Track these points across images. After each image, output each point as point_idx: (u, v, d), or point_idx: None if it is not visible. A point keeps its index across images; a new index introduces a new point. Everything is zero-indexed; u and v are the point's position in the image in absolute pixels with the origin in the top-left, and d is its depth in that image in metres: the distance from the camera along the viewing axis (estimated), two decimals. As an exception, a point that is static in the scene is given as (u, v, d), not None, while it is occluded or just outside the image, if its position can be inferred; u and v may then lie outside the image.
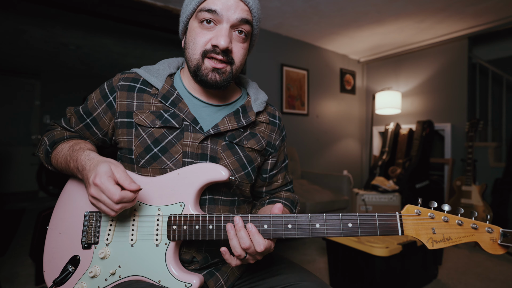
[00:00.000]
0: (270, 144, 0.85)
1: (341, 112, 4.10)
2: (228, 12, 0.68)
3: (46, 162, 0.81)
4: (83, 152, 0.70)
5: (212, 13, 0.67)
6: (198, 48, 0.70)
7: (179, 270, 0.66)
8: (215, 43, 0.68)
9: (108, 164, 0.63)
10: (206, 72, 0.70)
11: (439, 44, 3.49)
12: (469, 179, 2.74)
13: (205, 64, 0.70)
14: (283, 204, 0.86)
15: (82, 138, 0.82)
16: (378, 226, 0.60)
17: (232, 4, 0.68)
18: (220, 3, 0.67)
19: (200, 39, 0.69)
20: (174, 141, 0.73)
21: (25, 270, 2.10)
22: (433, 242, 0.59)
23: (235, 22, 0.69)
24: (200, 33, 0.70)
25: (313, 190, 2.78)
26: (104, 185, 0.60)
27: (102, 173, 0.61)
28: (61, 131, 0.82)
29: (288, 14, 2.93)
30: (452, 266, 2.25)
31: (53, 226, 0.78)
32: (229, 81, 0.73)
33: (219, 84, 0.71)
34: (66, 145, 0.76)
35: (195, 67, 0.71)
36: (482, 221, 0.59)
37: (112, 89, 0.77)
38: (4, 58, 4.34)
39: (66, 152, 0.74)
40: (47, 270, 0.75)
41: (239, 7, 0.69)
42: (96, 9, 2.42)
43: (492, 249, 0.58)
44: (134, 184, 0.62)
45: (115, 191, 0.59)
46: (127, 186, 0.61)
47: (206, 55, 0.69)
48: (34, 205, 4.23)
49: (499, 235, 0.57)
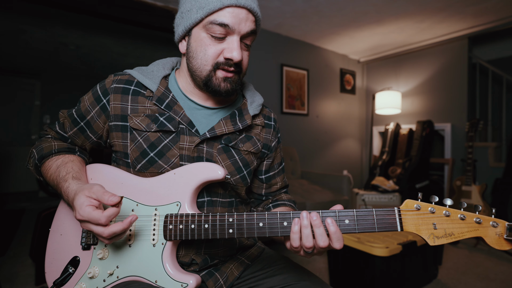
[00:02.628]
0: (266, 146, 0.85)
1: (341, 112, 4.10)
2: (239, 26, 0.67)
3: (37, 174, 0.80)
4: (65, 182, 0.69)
5: (225, 27, 0.66)
6: (210, 60, 0.69)
7: (175, 270, 0.66)
8: (229, 57, 0.67)
9: (82, 193, 0.62)
10: (218, 83, 0.70)
11: (439, 44, 3.49)
12: (469, 179, 2.73)
13: (217, 75, 0.70)
14: (289, 206, 0.86)
15: (70, 150, 0.80)
16: (376, 222, 0.58)
17: (243, 17, 0.67)
18: (232, 16, 0.66)
19: (211, 51, 0.68)
20: (171, 145, 0.72)
21: (25, 270, 2.09)
22: (435, 238, 0.56)
23: (245, 34, 0.69)
24: (210, 44, 0.68)
25: (313, 190, 2.78)
26: (86, 217, 0.60)
27: (80, 206, 0.61)
28: (50, 142, 0.79)
29: (288, 14, 2.93)
30: (452, 266, 2.25)
31: (55, 228, 0.78)
32: (238, 88, 0.74)
33: (231, 92, 0.72)
34: (54, 163, 0.75)
35: (206, 78, 0.70)
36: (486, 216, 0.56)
37: (105, 91, 0.75)
38: (4, 58, 4.34)
39: (53, 173, 0.73)
40: (48, 271, 0.75)
41: (249, 19, 0.68)
42: (96, 9, 2.42)
43: (498, 244, 0.55)
44: (114, 197, 0.60)
45: (98, 216, 0.59)
46: (106, 200, 0.60)
47: (218, 67, 0.69)
48: (34, 205, 4.23)
49: (505, 229, 0.54)
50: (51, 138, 0.82)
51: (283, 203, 0.87)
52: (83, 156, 0.82)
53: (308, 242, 0.58)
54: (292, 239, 0.59)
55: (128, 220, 0.61)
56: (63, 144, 0.80)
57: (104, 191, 0.62)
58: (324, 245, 0.57)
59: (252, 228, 0.62)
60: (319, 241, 0.57)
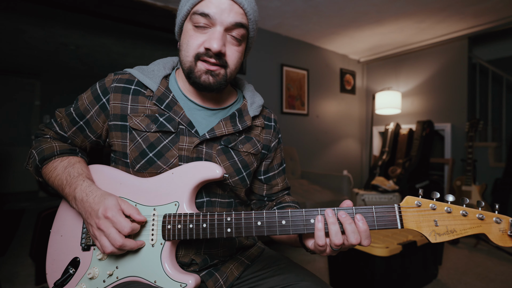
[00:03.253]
0: (266, 147, 0.84)
1: (341, 112, 4.10)
2: (221, 16, 0.66)
3: (36, 175, 0.79)
4: (83, 181, 0.70)
5: (206, 17, 0.66)
6: (191, 51, 0.68)
7: (174, 270, 0.65)
8: (207, 46, 0.66)
9: (115, 197, 0.66)
10: (199, 74, 0.69)
11: (439, 44, 3.49)
12: (469, 179, 2.73)
13: (198, 66, 0.69)
14: (294, 208, 0.85)
15: (72, 151, 0.79)
16: (376, 219, 0.57)
17: (226, 8, 0.66)
18: (214, 6, 0.66)
19: (193, 41, 0.68)
20: (170, 145, 0.72)
21: (25, 270, 2.09)
22: (436, 235, 0.54)
23: (229, 26, 0.67)
24: (193, 35, 0.68)
25: (313, 190, 2.78)
26: (115, 218, 0.62)
27: (113, 206, 0.63)
28: (50, 143, 0.78)
29: (288, 14, 2.93)
30: (452, 266, 2.25)
31: (55, 229, 0.78)
32: (223, 84, 0.71)
33: (212, 87, 0.70)
34: (59, 164, 0.74)
35: (188, 70, 0.70)
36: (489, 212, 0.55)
37: (105, 90, 0.75)
38: (4, 58, 4.35)
39: (61, 173, 0.72)
40: (49, 273, 0.75)
41: (233, 10, 0.67)
42: (96, 9, 2.42)
43: (502, 240, 0.53)
44: (141, 216, 0.66)
45: (126, 224, 0.62)
46: (136, 217, 0.64)
47: (199, 58, 0.68)
48: (34, 205, 4.23)
49: (509, 225, 0.53)
50: (50, 138, 0.81)
51: (287, 205, 0.87)
52: (84, 158, 0.82)
53: (337, 239, 0.58)
54: (316, 236, 0.59)
55: (140, 243, 0.66)
56: (64, 145, 0.79)
57: (136, 208, 0.67)
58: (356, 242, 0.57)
59: (250, 227, 0.62)
60: (351, 239, 0.57)
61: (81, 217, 0.74)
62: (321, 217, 0.59)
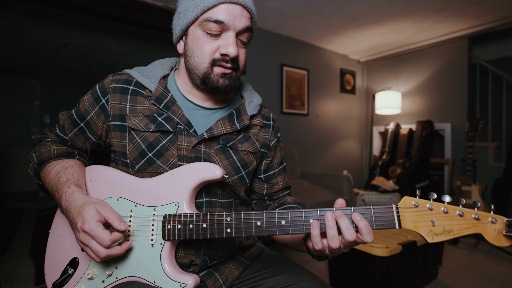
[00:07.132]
0: (265, 145, 0.85)
1: (341, 112, 4.10)
2: (234, 22, 0.68)
3: (36, 179, 0.80)
4: (68, 188, 0.69)
5: (220, 24, 0.67)
6: (207, 57, 0.69)
7: (174, 270, 0.66)
8: (225, 52, 0.68)
9: (94, 206, 0.63)
10: (216, 79, 0.70)
11: (439, 44, 3.49)
12: (469, 179, 2.73)
13: (215, 71, 0.70)
14: (296, 209, 0.85)
15: (69, 154, 0.79)
16: (374, 219, 0.58)
17: (238, 14, 0.68)
18: (226, 12, 0.66)
19: (208, 48, 0.69)
20: (169, 145, 0.73)
21: (25, 270, 2.10)
22: (433, 235, 0.55)
23: (240, 30, 0.69)
24: (206, 41, 0.69)
25: (313, 190, 2.78)
26: (93, 232, 0.60)
27: (90, 219, 0.61)
28: (49, 146, 0.79)
29: (288, 14, 2.93)
30: (452, 266, 2.25)
31: (54, 230, 0.78)
32: (235, 85, 0.74)
33: (229, 89, 0.72)
34: (53, 168, 0.75)
35: (204, 75, 0.71)
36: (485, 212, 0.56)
37: (104, 91, 0.76)
38: (4, 58, 4.35)
39: (53, 178, 0.73)
40: (48, 273, 0.75)
41: (244, 16, 0.69)
42: (96, 9, 2.42)
43: (497, 240, 0.54)
44: (124, 224, 0.63)
45: (105, 237, 0.59)
46: (116, 226, 0.62)
47: (215, 64, 0.70)
48: (34, 205, 4.23)
49: (504, 225, 0.53)
50: (50, 141, 0.81)
51: (289, 206, 0.87)
52: (83, 160, 0.81)
53: (334, 243, 0.58)
54: (313, 242, 0.59)
55: (126, 246, 0.64)
56: (62, 148, 0.79)
57: (117, 215, 0.64)
58: (352, 238, 0.57)
59: (250, 227, 0.62)
60: (347, 235, 0.57)
61: None
62: (316, 223, 0.59)
